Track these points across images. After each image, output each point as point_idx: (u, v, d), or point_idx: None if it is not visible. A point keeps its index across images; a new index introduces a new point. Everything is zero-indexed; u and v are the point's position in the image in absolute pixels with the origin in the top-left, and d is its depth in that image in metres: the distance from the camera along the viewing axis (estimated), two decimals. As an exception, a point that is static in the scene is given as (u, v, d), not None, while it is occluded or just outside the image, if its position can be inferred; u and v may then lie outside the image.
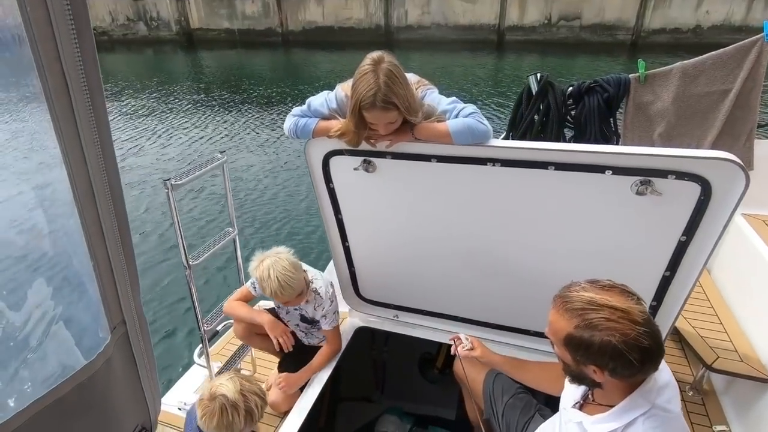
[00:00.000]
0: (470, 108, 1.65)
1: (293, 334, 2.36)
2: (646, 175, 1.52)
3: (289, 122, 1.83)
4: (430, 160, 1.76)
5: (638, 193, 1.56)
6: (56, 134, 0.67)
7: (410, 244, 2.12)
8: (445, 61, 15.57)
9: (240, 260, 2.42)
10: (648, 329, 1.08)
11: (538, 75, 2.30)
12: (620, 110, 2.33)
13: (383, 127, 1.67)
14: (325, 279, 2.24)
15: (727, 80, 2.17)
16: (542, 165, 1.62)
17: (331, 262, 2.53)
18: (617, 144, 2.35)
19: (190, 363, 2.62)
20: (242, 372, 2.78)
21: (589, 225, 1.72)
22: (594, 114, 2.26)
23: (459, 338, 1.85)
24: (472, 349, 1.79)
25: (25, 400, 0.77)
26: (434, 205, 1.91)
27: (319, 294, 2.17)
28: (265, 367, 2.69)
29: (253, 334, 2.36)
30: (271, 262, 1.96)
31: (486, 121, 1.64)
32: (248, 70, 16.74)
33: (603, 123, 2.28)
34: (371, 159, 1.85)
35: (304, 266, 2.24)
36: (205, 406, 1.60)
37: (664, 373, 1.25)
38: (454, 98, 1.72)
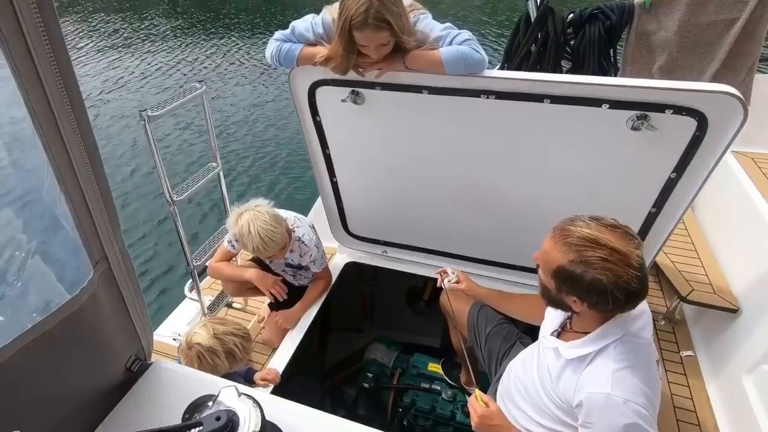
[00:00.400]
0: (465, 34, 1.55)
1: (283, 280, 2.38)
2: (644, 110, 1.48)
3: (271, 47, 1.70)
4: (421, 92, 1.68)
5: (633, 128, 1.53)
6: (4, 53, 0.60)
7: (399, 179, 2.08)
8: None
9: (225, 195, 2.39)
10: (640, 273, 1.09)
11: (538, 0, 2.15)
12: (621, 43, 2.22)
13: (375, 50, 1.56)
14: (306, 224, 2.19)
15: (736, 7, 2.05)
16: (538, 98, 1.55)
17: (319, 199, 2.50)
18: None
19: (183, 296, 2.67)
20: (234, 305, 2.85)
21: (581, 160, 1.70)
22: (594, 45, 2.14)
23: (446, 272, 1.88)
24: (458, 282, 1.83)
25: (8, 335, 0.76)
26: (425, 138, 1.85)
27: (303, 242, 2.14)
28: (256, 300, 2.75)
29: (245, 289, 2.37)
30: (250, 217, 1.88)
31: (481, 50, 1.54)
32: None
33: (602, 55, 2.17)
34: (359, 90, 1.76)
35: (284, 212, 2.19)
36: (185, 355, 1.67)
37: None
38: (448, 24, 1.61)
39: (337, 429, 1.11)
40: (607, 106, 1.50)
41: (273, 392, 1.96)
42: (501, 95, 1.59)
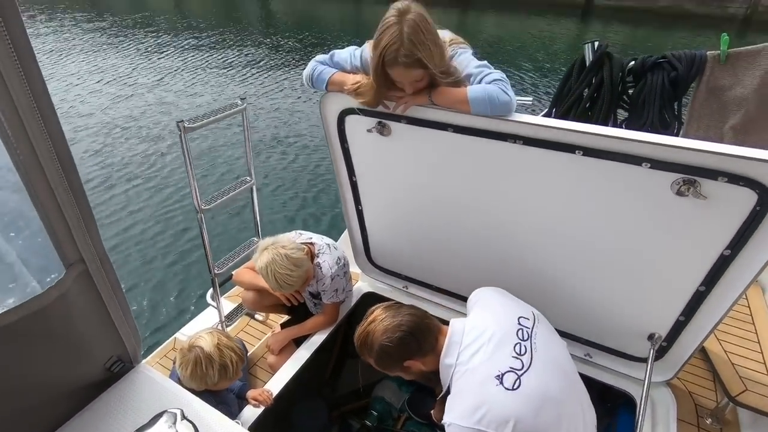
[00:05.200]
0: (496, 74, 1.47)
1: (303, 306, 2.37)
2: (692, 174, 1.29)
3: (308, 68, 1.73)
4: (446, 129, 1.61)
5: (678, 193, 1.34)
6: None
7: (423, 215, 2.01)
8: (520, 26, 14.43)
9: (257, 210, 2.43)
10: (387, 324, 1.40)
11: (596, 43, 2.01)
12: (686, 96, 2.00)
13: (409, 86, 1.54)
14: (333, 253, 2.16)
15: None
16: (569, 148, 1.42)
17: None
18: (678, 133, 2.04)
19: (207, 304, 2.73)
20: (256, 317, 2.88)
21: (615, 222, 1.52)
22: (655, 94, 1.95)
23: None
24: None
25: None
26: (448, 177, 1.77)
27: (320, 269, 2.13)
28: (278, 314, 2.75)
29: (263, 305, 2.42)
30: (269, 258, 1.91)
31: (511, 92, 1.45)
32: (317, 18, 16.58)
33: (665, 106, 1.97)
34: (386, 122, 1.73)
35: (313, 237, 2.19)
36: (183, 355, 1.66)
37: (468, 328, 1.41)
38: (484, 62, 1.54)
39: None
40: (648, 165, 1.33)
41: (267, 413, 1.92)
42: (529, 141, 1.47)
